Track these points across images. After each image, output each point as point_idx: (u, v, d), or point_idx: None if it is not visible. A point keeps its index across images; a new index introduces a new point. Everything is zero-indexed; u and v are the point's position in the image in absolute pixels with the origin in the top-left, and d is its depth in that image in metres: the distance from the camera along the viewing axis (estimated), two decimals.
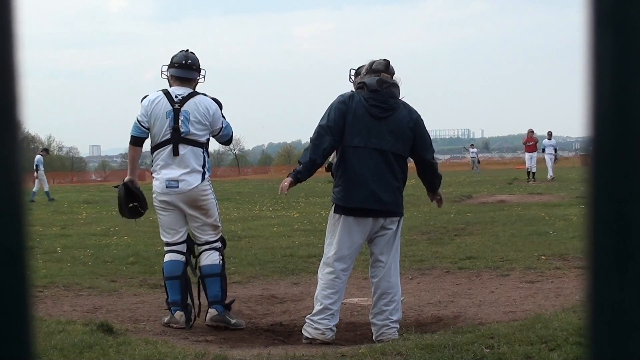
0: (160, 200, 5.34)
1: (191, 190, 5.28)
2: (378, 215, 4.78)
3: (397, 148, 4.79)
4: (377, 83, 4.80)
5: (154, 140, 5.35)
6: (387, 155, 4.76)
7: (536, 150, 27.03)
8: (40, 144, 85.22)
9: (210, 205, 5.36)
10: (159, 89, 5.45)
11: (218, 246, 5.38)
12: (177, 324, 5.22)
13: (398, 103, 4.84)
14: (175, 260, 5.35)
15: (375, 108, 4.77)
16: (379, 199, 4.72)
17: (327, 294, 4.76)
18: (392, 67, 4.94)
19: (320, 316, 4.75)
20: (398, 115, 4.80)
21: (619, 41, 0.55)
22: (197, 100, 5.32)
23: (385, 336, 4.71)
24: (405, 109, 4.87)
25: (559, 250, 8.03)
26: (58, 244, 10.12)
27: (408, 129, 4.82)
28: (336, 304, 4.78)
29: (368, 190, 4.71)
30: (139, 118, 5.35)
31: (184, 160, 5.26)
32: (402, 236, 5.18)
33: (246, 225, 12.46)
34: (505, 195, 18.69)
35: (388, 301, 4.77)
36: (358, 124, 4.74)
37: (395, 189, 4.81)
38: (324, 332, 4.72)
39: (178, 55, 5.46)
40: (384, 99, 4.79)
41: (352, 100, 4.79)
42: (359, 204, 4.74)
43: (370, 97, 4.78)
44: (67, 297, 6.21)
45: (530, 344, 3.89)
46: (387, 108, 4.79)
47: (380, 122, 4.77)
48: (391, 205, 4.78)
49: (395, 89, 4.86)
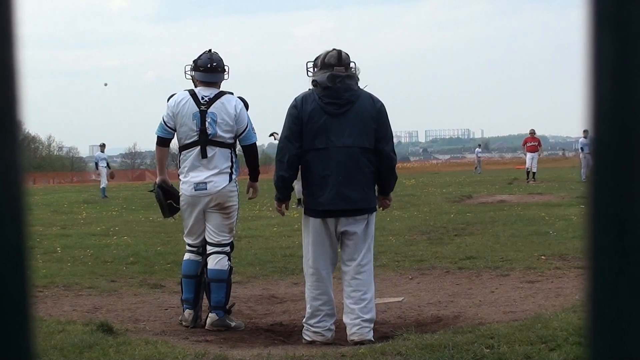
0: (187, 203, 5.34)
1: (219, 191, 5.27)
2: (347, 215, 4.66)
3: (361, 142, 4.61)
4: (328, 79, 4.62)
5: (181, 142, 5.34)
6: (352, 151, 4.59)
7: (537, 150, 26.97)
8: (40, 144, 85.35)
9: (234, 207, 5.36)
10: (185, 89, 5.42)
11: (228, 251, 5.38)
12: (185, 322, 5.26)
13: (356, 94, 4.65)
14: (193, 260, 5.40)
15: (330, 105, 4.60)
16: (346, 198, 4.60)
17: (315, 295, 4.72)
18: (346, 56, 4.72)
19: (314, 320, 4.71)
20: (358, 107, 4.62)
21: (619, 41, 0.55)
22: (224, 100, 5.30)
23: (357, 336, 4.61)
24: (368, 99, 4.68)
25: (559, 250, 8.02)
26: (58, 244, 10.12)
27: (370, 119, 4.63)
28: (327, 303, 4.71)
29: (334, 190, 4.59)
30: (165, 119, 5.34)
31: (212, 162, 5.25)
32: (401, 236, 5.17)
33: (246, 225, 12.45)
34: (505, 195, 18.68)
35: (357, 299, 4.65)
36: (316, 125, 4.60)
37: (364, 185, 4.64)
38: (323, 334, 4.70)
39: (202, 58, 5.39)
40: (338, 95, 4.60)
41: (305, 102, 4.66)
42: (326, 206, 4.64)
43: (324, 94, 4.62)
44: (67, 297, 6.21)
45: (530, 344, 3.89)
46: (343, 103, 4.61)
47: (339, 119, 4.60)
48: (360, 202, 4.64)
49: (351, 81, 4.66)
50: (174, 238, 10.54)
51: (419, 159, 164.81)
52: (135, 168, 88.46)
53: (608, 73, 0.55)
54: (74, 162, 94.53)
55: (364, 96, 4.69)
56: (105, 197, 23.44)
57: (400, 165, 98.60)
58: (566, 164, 50.47)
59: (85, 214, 16.27)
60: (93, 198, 23.73)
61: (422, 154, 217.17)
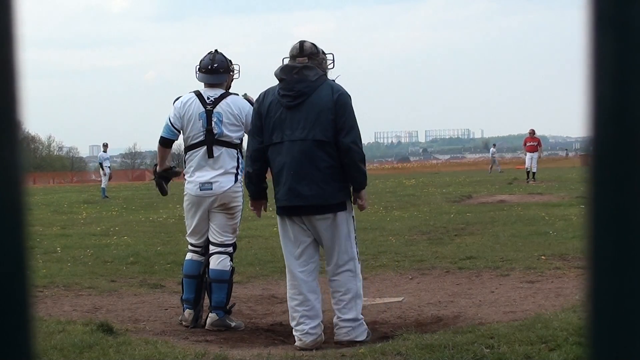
0: (191, 203, 5.35)
1: (224, 192, 5.27)
2: (303, 212, 4.50)
3: (316, 134, 4.41)
4: (281, 72, 4.53)
5: (187, 142, 5.36)
6: (306, 144, 4.41)
7: (537, 150, 26.99)
8: (40, 144, 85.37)
9: (238, 208, 5.37)
10: (190, 91, 5.44)
11: (230, 251, 5.38)
12: (185, 322, 5.27)
13: (313, 85, 4.46)
14: (195, 260, 5.40)
15: (285, 98, 4.48)
16: (298, 194, 4.44)
17: (290, 295, 4.64)
18: (310, 47, 4.59)
19: (293, 322, 4.60)
20: (314, 99, 4.44)
21: (619, 41, 0.55)
22: (229, 101, 5.30)
23: (338, 337, 4.55)
24: (327, 90, 4.47)
25: (559, 250, 8.02)
26: (58, 244, 10.12)
27: (327, 110, 4.42)
28: (303, 304, 4.55)
29: (287, 186, 4.46)
30: (172, 120, 5.35)
31: (219, 162, 5.26)
32: (401, 236, 5.15)
33: (246, 225, 12.43)
34: (505, 195, 18.68)
35: (337, 300, 4.56)
36: (273, 119, 4.50)
37: (320, 181, 4.42)
38: (301, 338, 4.54)
39: (204, 59, 5.40)
40: (290, 87, 4.47)
41: (266, 97, 4.58)
42: (282, 202, 4.53)
43: (280, 87, 4.52)
44: (67, 297, 6.21)
45: (530, 344, 3.89)
46: (296, 95, 4.45)
47: (293, 111, 4.45)
48: (315, 198, 4.43)
49: (309, 71, 4.48)
50: (174, 238, 10.55)
51: (419, 159, 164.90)
52: (135, 168, 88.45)
53: (608, 73, 0.55)
54: (74, 162, 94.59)
55: (324, 87, 4.48)
56: (105, 198, 23.57)
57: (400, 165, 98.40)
58: (566, 164, 50.43)
59: (85, 214, 16.27)
60: (93, 198, 23.77)
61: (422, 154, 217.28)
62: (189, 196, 5.36)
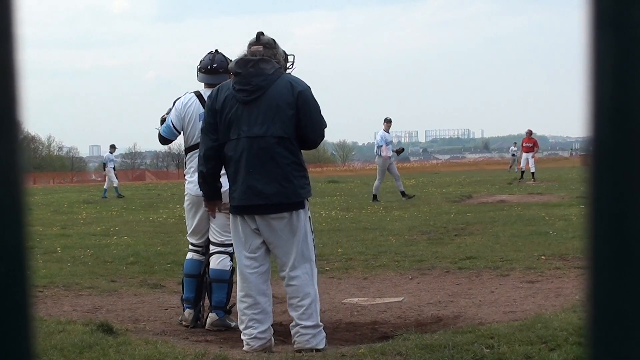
0: (192, 203, 5.36)
1: (224, 192, 5.27)
2: (261, 212, 4.27)
3: (275, 130, 4.20)
4: (236, 65, 4.30)
5: (187, 142, 5.38)
6: (265, 141, 4.20)
7: (533, 150, 27.27)
8: (40, 144, 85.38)
9: None
10: (190, 91, 5.46)
11: (230, 251, 5.37)
12: (185, 322, 5.28)
13: (270, 79, 4.24)
14: (196, 260, 5.42)
15: (241, 92, 4.24)
16: (258, 192, 4.21)
17: (239, 297, 4.41)
18: (268, 39, 4.38)
19: (242, 325, 4.39)
20: (272, 93, 4.22)
21: (619, 41, 0.55)
22: None
23: (298, 344, 4.33)
24: (286, 83, 4.25)
25: (559, 250, 8.02)
26: (58, 244, 10.12)
27: (287, 105, 4.20)
28: (253, 307, 4.34)
29: (245, 185, 4.22)
30: (173, 120, 5.36)
31: None
32: (401, 236, 5.13)
33: None
34: (505, 195, 18.69)
35: (295, 306, 4.34)
36: (229, 115, 4.26)
37: (281, 178, 4.21)
38: (249, 343, 4.33)
39: (204, 59, 5.41)
40: (246, 80, 4.23)
41: (219, 92, 4.33)
42: (239, 202, 4.28)
43: (235, 81, 4.29)
44: (67, 297, 6.21)
45: (530, 344, 3.89)
46: (253, 89, 4.22)
47: (249, 107, 4.23)
48: (276, 197, 4.22)
49: (265, 64, 4.26)
50: (174, 238, 10.55)
51: (419, 159, 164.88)
52: (135, 168, 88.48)
53: (608, 73, 0.55)
54: (74, 162, 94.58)
55: (281, 81, 4.26)
56: (105, 198, 23.84)
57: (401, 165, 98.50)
58: (566, 164, 50.44)
59: (85, 214, 16.27)
60: (93, 198, 23.81)
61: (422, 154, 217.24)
62: (190, 196, 5.37)
